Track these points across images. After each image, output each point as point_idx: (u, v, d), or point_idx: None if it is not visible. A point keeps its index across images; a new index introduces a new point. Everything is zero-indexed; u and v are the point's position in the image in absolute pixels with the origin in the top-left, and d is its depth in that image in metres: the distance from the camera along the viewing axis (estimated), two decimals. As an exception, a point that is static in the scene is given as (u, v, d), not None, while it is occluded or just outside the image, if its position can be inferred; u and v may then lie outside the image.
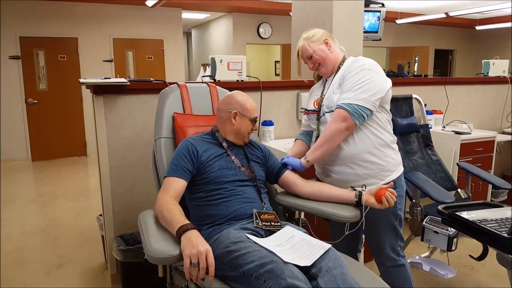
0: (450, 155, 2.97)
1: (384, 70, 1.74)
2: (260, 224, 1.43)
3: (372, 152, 1.61)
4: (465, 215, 1.09)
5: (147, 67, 6.86)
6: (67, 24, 6.12)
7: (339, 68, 1.69)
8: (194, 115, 1.85)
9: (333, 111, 1.61)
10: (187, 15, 7.79)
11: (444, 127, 3.31)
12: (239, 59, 2.55)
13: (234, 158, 1.60)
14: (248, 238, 1.32)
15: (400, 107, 2.82)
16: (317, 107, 1.72)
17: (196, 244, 1.17)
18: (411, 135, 2.75)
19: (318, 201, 1.60)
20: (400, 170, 1.69)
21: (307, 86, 2.59)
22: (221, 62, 2.48)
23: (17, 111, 5.95)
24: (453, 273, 2.15)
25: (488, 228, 1.01)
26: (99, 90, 2.19)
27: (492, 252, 1.22)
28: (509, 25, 7.92)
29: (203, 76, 2.64)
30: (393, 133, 1.70)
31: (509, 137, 3.56)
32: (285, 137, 2.77)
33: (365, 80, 1.55)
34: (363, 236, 1.65)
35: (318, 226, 2.08)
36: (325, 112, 1.67)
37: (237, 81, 2.54)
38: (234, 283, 1.24)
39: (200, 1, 6.60)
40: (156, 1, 5.28)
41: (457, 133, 3.05)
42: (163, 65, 7.00)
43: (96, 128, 2.22)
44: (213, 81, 2.49)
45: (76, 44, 6.23)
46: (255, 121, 1.66)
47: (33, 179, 5.28)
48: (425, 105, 3.16)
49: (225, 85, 2.16)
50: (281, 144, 2.50)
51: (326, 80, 1.76)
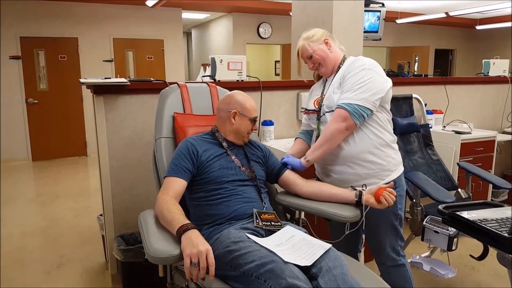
0: (450, 154, 2.97)
1: (384, 70, 1.74)
2: (260, 224, 1.43)
3: (372, 151, 1.61)
4: (466, 214, 1.09)
5: (147, 67, 6.86)
6: (67, 24, 6.12)
7: (339, 68, 1.69)
8: (194, 115, 1.85)
9: (333, 111, 1.61)
10: (187, 15, 7.79)
11: (444, 126, 3.31)
12: (239, 59, 2.55)
13: (234, 158, 1.60)
14: (248, 238, 1.32)
15: (400, 106, 2.82)
16: (317, 106, 1.72)
17: (196, 243, 1.17)
18: (411, 134, 2.75)
19: (318, 201, 1.60)
20: (400, 169, 1.69)
21: (307, 86, 2.59)
22: (221, 62, 2.48)
23: (18, 111, 5.95)
24: (453, 273, 2.14)
25: (488, 228, 1.01)
26: (100, 90, 2.19)
27: (492, 252, 1.22)
28: (509, 24, 7.92)
29: (203, 76, 2.64)
30: (393, 132, 1.70)
31: (509, 137, 3.56)
32: (285, 137, 2.77)
33: (365, 80, 1.55)
34: (363, 236, 1.65)
35: (318, 225, 2.08)
36: (325, 112, 1.67)
37: (237, 81, 2.54)
38: (234, 283, 1.25)
39: (200, 1, 6.60)
40: (156, 1, 5.28)
41: (458, 132, 3.05)
42: (163, 65, 7.00)
43: (96, 128, 2.23)
44: (213, 81, 2.49)
45: (76, 44, 6.24)
46: (254, 121, 1.65)
47: (33, 179, 5.28)
48: (425, 105, 3.16)
49: (225, 85, 2.16)
50: (281, 144, 2.50)
51: (326, 80, 1.76)
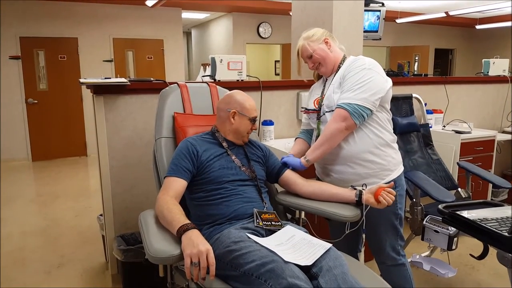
0: (450, 154, 2.97)
1: (384, 69, 1.74)
2: (260, 223, 1.43)
3: (372, 151, 1.61)
4: (466, 214, 1.09)
5: (147, 67, 6.86)
6: (67, 24, 6.12)
7: (339, 67, 1.69)
8: (194, 114, 1.85)
9: (333, 110, 1.61)
10: (187, 15, 7.79)
11: (444, 126, 3.31)
12: (239, 58, 2.55)
13: (234, 158, 1.60)
14: (248, 237, 1.32)
15: (400, 106, 2.82)
16: (317, 106, 1.72)
17: (196, 243, 1.17)
18: (411, 134, 2.75)
19: (318, 201, 1.60)
20: (400, 169, 1.69)
21: (307, 85, 2.59)
22: (221, 61, 2.48)
23: (17, 111, 5.95)
24: (453, 272, 2.15)
25: (488, 227, 1.01)
26: (99, 90, 2.19)
27: (492, 251, 1.22)
28: (509, 24, 7.91)
29: (203, 76, 2.64)
30: (393, 132, 1.70)
31: (509, 136, 3.56)
32: (285, 136, 2.77)
33: (365, 79, 1.55)
34: (364, 235, 1.65)
35: (318, 225, 2.08)
36: (325, 111, 1.67)
37: (237, 80, 2.54)
38: (234, 283, 1.25)
39: (200, 1, 6.59)
40: (156, 1, 5.27)
41: (457, 132, 3.05)
42: (163, 65, 7.00)
43: (96, 128, 2.23)
44: (213, 80, 2.49)
45: (76, 44, 6.23)
46: (254, 120, 1.65)
47: (33, 179, 5.28)
48: (425, 105, 3.16)
49: (225, 84, 2.16)
50: (281, 143, 2.50)
51: (326, 79, 1.76)
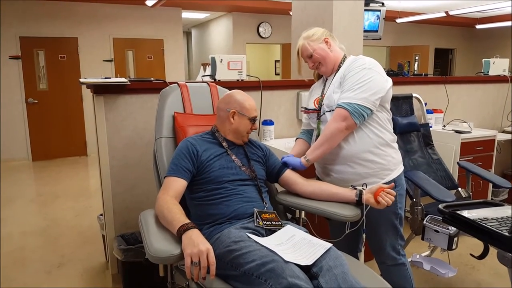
0: (450, 154, 2.97)
1: (384, 69, 1.73)
2: (260, 223, 1.43)
3: (372, 151, 1.61)
4: (466, 214, 1.09)
5: (147, 66, 6.86)
6: (67, 24, 6.12)
7: (340, 67, 1.69)
8: (194, 114, 1.85)
9: (334, 110, 1.61)
10: (187, 15, 7.78)
11: (444, 126, 3.31)
12: (239, 58, 2.55)
13: (234, 157, 1.60)
14: (248, 237, 1.32)
15: (400, 106, 2.82)
16: (317, 106, 1.72)
17: (197, 243, 1.17)
18: (412, 134, 2.75)
19: (318, 200, 1.60)
20: (400, 169, 1.69)
21: (307, 85, 2.59)
22: (221, 61, 2.48)
23: (17, 111, 5.95)
24: (453, 272, 2.14)
25: (488, 227, 1.01)
26: (100, 89, 2.19)
27: (492, 251, 1.22)
28: (509, 24, 7.91)
29: (203, 75, 2.64)
30: (393, 132, 1.70)
31: (509, 136, 3.56)
32: (286, 136, 2.77)
33: (365, 79, 1.55)
34: (364, 235, 1.65)
35: (318, 225, 2.08)
36: (326, 111, 1.67)
37: (237, 80, 2.54)
38: (235, 282, 1.25)
39: (200, 1, 6.59)
40: (156, 0, 5.27)
41: (458, 132, 3.05)
42: (163, 65, 7.00)
43: (96, 128, 2.22)
44: (213, 80, 2.49)
45: (76, 44, 6.23)
46: (254, 120, 1.65)
47: (34, 179, 5.28)
48: (426, 104, 3.16)
49: (225, 84, 2.16)
50: (282, 143, 2.50)
51: (326, 79, 1.76)
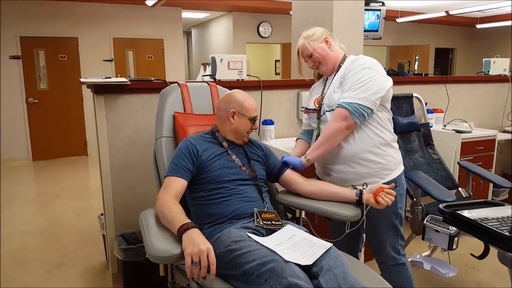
0: (451, 153, 2.97)
1: (384, 69, 1.73)
2: (261, 223, 1.43)
3: (372, 151, 1.61)
4: (466, 213, 1.09)
5: (147, 66, 6.86)
6: (67, 24, 6.12)
7: (340, 66, 1.69)
8: (194, 114, 1.85)
9: (334, 110, 1.61)
10: (187, 15, 7.78)
11: (444, 125, 3.31)
12: (239, 58, 2.55)
13: (234, 157, 1.60)
14: (249, 237, 1.32)
15: (400, 106, 2.82)
16: (317, 106, 1.72)
17: (197, 242, 1.17)
18: (412, 134, 2.75)
19: (319, 200, 1.60)
20: (400, 169, 1.69)
21: (307, 85, 2.59)
22: (221, 61, 2.48)
23: (18, 111, 5.95)
24: (454, 272, 2.14)
25: (489, 226, 1.00)
26: (100, 89, 2.19)
27: (493, 250, 1.22)
28: (509, 23, 7.90)
29: (203, 75, 2.64)
30: (394, 131, 1.70)
31: (509, 136, 3.56)
32: (286, 136, 2.77)
33: (365, 79, 1.55)
34: (364, 235, 1.65)
35: (319, 225, 2.08)
36: (326, 111, 1.66)
37: (238, 80, 2.54)
38: (235, 282, 1.25)
39: (200, 1, 6.59)
40: (156, 0, 5.27)
41: (458, 131, 3.05)
42: (163, 65, 7.00)
43: (97, 127, 2.22)
44: (213, 80, 2.49)
45: (76, 43, 6.23)
46: (254, 120, 1.65)
47: (34, 178, 5.28)
48: (426, 104, 3.16)
49: (225, 84, 2.16)
50: (282, 143, 2.50)
51: (326, 78, 1.75)
